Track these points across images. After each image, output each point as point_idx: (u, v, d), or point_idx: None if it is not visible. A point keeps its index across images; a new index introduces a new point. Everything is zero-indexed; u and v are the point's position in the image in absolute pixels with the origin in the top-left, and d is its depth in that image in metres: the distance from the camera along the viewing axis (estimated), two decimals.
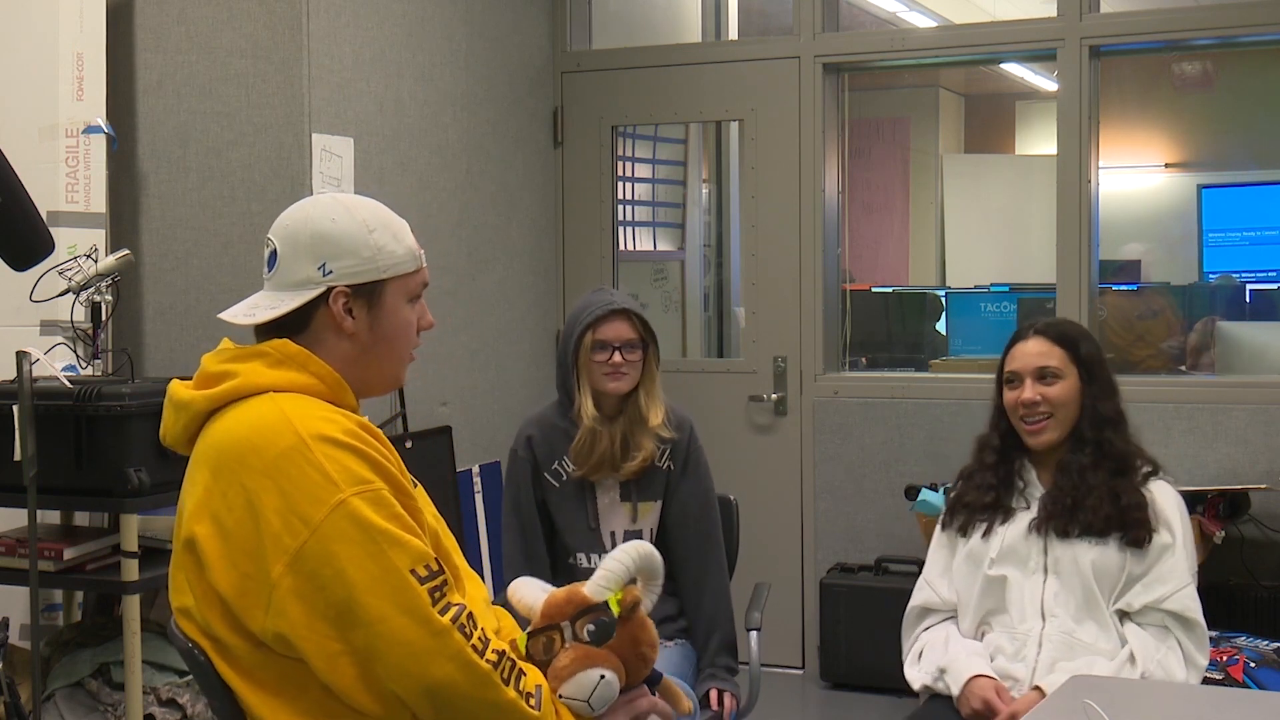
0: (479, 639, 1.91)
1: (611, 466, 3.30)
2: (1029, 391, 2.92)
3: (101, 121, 4.00)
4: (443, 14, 4.82)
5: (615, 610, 1.99)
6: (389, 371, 2.13)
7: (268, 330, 2.06)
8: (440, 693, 1.89)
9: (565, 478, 3.33)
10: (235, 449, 1.94)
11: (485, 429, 5.03)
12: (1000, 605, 2.91)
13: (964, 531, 2.99)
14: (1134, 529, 2.83)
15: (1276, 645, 4.02)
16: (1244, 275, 7.59)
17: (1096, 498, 2.86)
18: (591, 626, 1.99)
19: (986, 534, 2.95)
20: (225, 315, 2.09)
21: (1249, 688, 2.91)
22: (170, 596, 2.03)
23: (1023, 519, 2.93)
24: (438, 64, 4.80)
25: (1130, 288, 7.05)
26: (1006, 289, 6.14)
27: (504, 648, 1.96)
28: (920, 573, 4.74)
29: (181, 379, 2.09)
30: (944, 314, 6.28)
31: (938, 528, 3.10)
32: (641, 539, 3.32)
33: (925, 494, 4.76)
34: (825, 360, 5.32)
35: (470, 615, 1.92)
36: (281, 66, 4.20)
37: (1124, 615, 2.85)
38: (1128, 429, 2.96)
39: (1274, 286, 7.74)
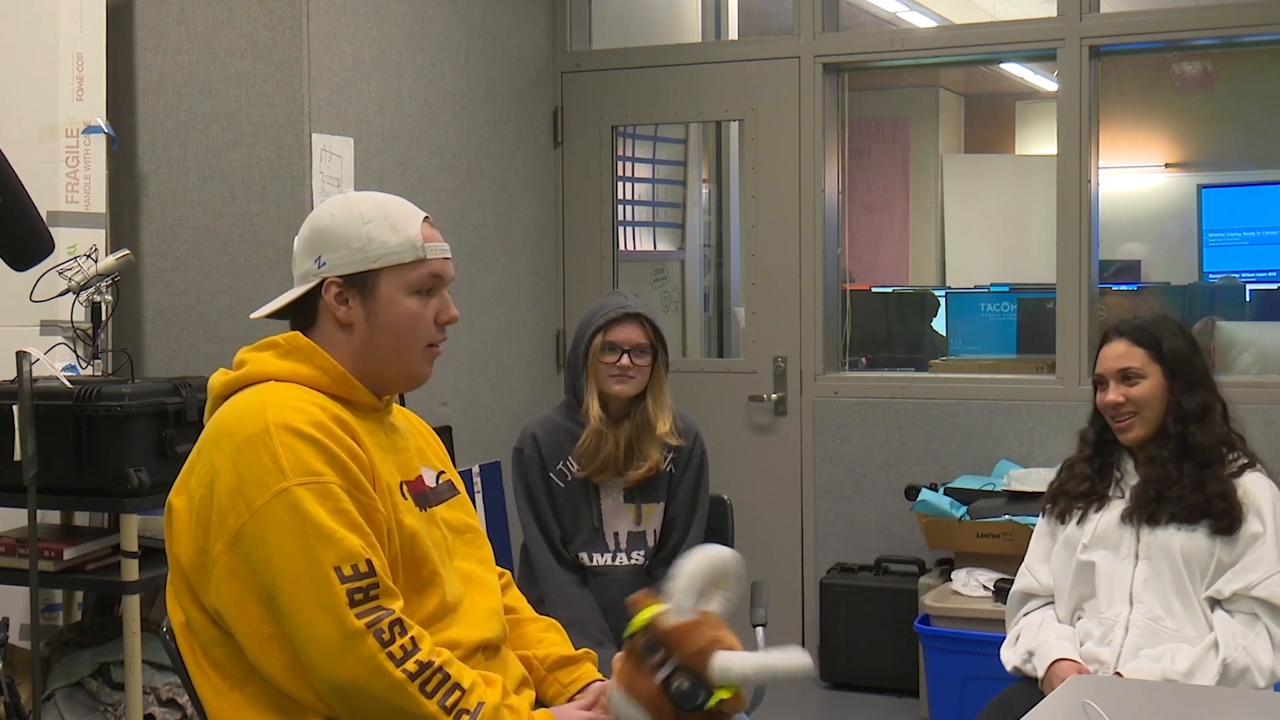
0: (400, 647, 1.92)
1: (616, 470, 3.32)
2: (1112, 394, 3.03)
3: (101, 121, 4.00)
4: (443, 14, 4.82)
5: (713, 701, 1.90)
6: (399, 363, 2.14)
7: (290, 326, 2.16)
8: (350, 693, 1.92)
9: (569, 478, 3.35)
10: (215, 431, 2.02)
11: (485, 429, 5.03)
12: (1090, 590, 2.99)
13: (1062, 519, 3.09)
14: (1220, 518, 2.91)
15: None
16: (1244, 275, 7.59)
17: (1180, 489, 2.95)
18: (685, 685, 1.89)
19: (1081, 521, 3.04)
20: (254, 314, 2.22)
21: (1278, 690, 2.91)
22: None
23: (1117, 507, 3.02)
24: (438, 64, 4.80)
25: (1130, 288, 7.05)
26: (1006, 289, 6.14)
27: (436, 660, 1.95)
28: (921, 573, 4.80)
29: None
30: (942, 313, 6.28)
31: (1040, 516, 3.20)
32: (645, 539, 3.35)
33: (925, 494, 4.76)
34: (825, 360, 5.32)
35: (397, 623, 1.93)
36: (281, 66, 4.20)
37: (1215, 603, 2.91)
38: (1215, 422, 3.04)
39: (1274, 286, 7.74)
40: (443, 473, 2.28)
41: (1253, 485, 2.97)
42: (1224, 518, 2.91)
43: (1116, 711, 2.22)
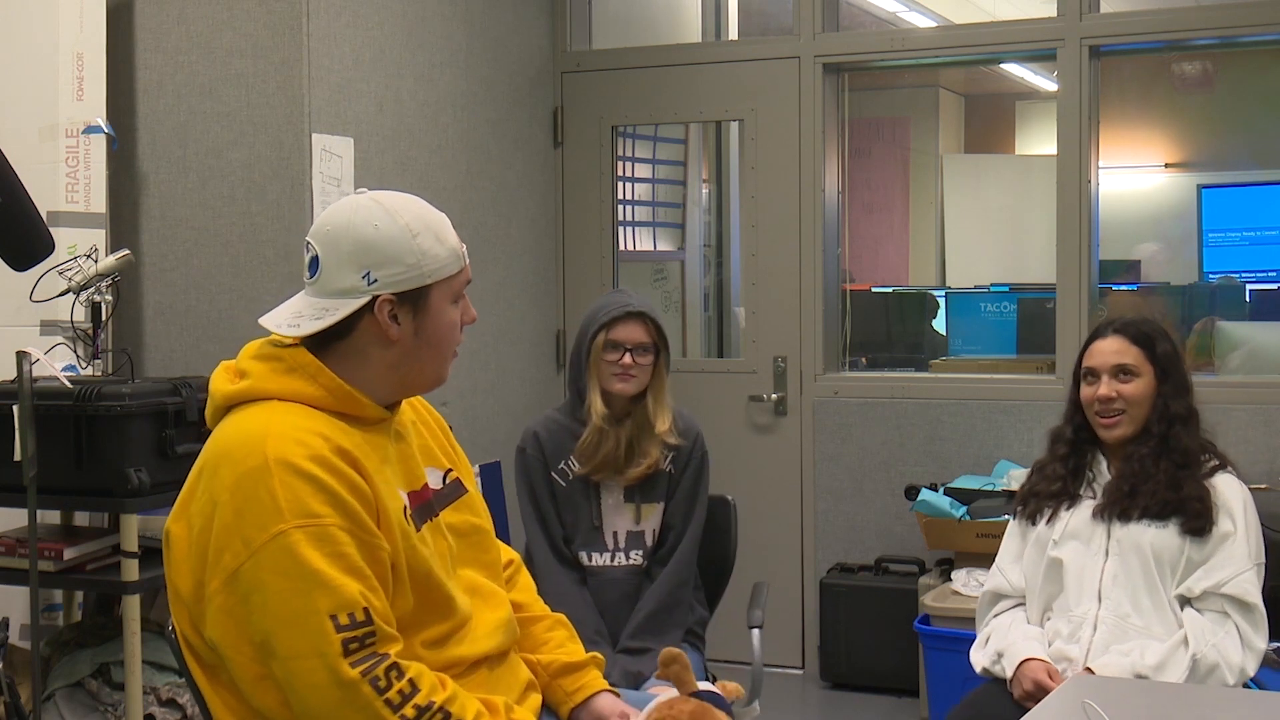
0: (399, 692, 1.90)
1: (615, 469, 3.32)
2: (1105, 387, 3.01)
3: (101, 121, 4.00)
4: (443, 14, 4.82)
5: None
6: (432, 371, 2.12)
7: (311, 337, 2.06)
8: None
9: (571, 477, 3.35)
10: (216, 458, 1.97)
11: (485, 429, 5.03)
12: (1059, 588, 2.99)
13: (1033, 520, 3.08)
14: (1193, 519, 2.91)
15: (1277, 645, 4.02)
16: (1244, 275, 7.59)
17: (1155, 484, 2.94)
18: None
19: (1051, 519, 3.04)
20: (266, 322, 2.08)
21: (1249, 688, 2.91)
22: None
23: (1088, 506, 3.02)
24: (438, 64, 4.80)
25: (1130, 288, 7.05)
26: (1006, 289, 6.14)
27: (437, 700, 1.93)
28: (921, 573, 4.80)
29: (229, 361, 2.12)
30: (941, 313, 6.28)
31: (1011, 518, 3.19)
32: (644, 539, 3.35)
33: (925, 494, 4.76)
34: (825, 360, 5.32)
35: (393, 667, 1.91)
36: (281, 66, 4.20)
37: (1184, 601, 2.92)
38: (1198, 427, 3.04)
39: (1274, 286, 7.74)
40: (450, 470, 2.24)
41: (1224, 486, 2.98)
42: (1198, 519, 2.91)
43: (1116, 711, 2.22)
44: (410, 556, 2.02)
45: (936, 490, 4.78)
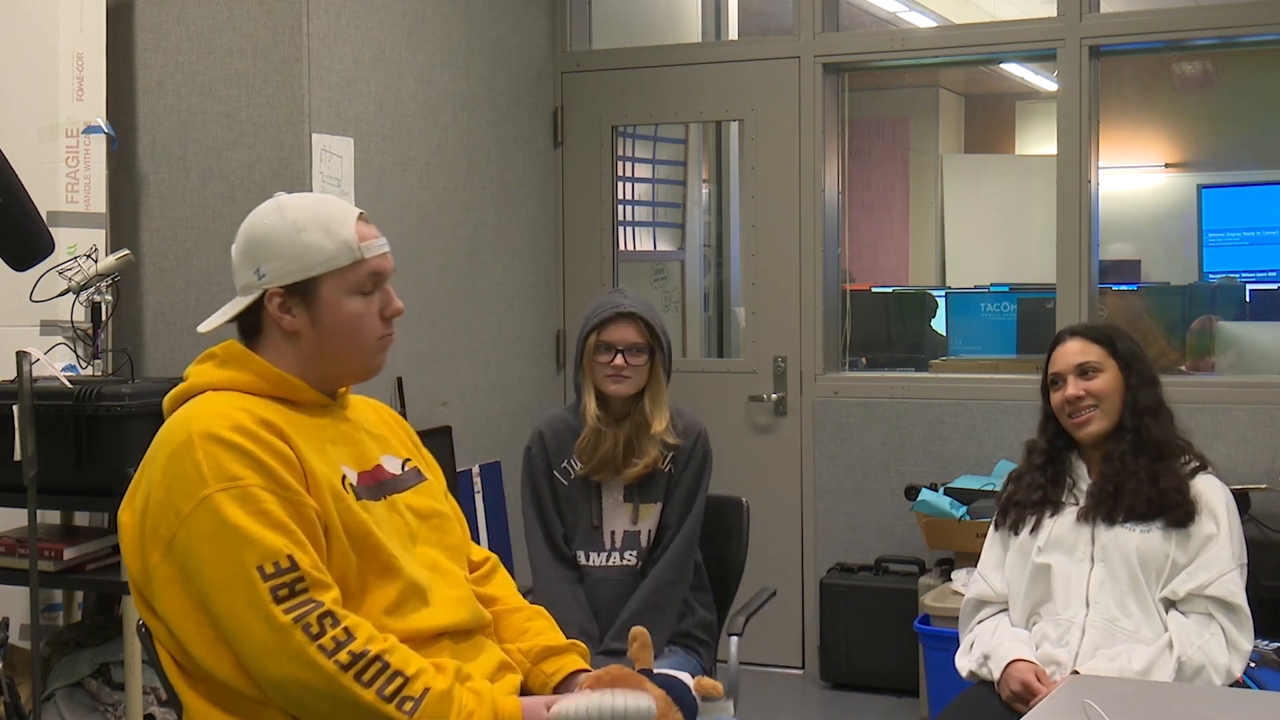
0: (332, 639, 1.93)
1: (614, 469, 3.32)
2: (1072, 388, 3.02)
3: (101, 121, 4.00)
4: (443, 14, 4.82)
5: None
6: (351, 362, 2.19)
7: (238, 334, 2.21)
8: (288, 688, 1.94)
9: (573, 476, 3.35)
10: (154, 447, 2.07)
11: (485, 429, 5.03)
12: (1046, 594, 2.99)
13: (1015, 529, 3.08)
14: (1173, 510, 2.92)
15: (1276, 645, 4.02)
16: (1244, 275, 7.59)
17: (1136, 482, 2.95)
18: None
19: (1035, 528, 3.03)
20: (200, 326, 2.25)
21: (1249, 688, 2.91)
22: None
23: (1071, 512, 3.02)
24: (438, 64, 4.80)
25: (1130, 288, 7.06)
26: (1006, 289, 6.14)
27: (373, 649, 1.96)
28: (921, 573, 4.80)
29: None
30: (941, 313, 6.28)
31: (990, 527, 3.19)
32: (640, 539, 3.35)
33: (925, 494, 4.76)
34: (825, 360, 5.32)
35: (327, 615, 1.95)
36: (281, 66, 4.20)
37: (1169, 604, 2.92)
38: (1169, 419, 3.06)
39: (1274, 286, 7.74)
40: (408, 460, 2.31)
41: (1205, 487, 2.99)
42: (1178, 509, 2.93)
43: (1116, 711, 2.22)
44: (346, 518, 2.07)
45: (936, 490, 4.78)
